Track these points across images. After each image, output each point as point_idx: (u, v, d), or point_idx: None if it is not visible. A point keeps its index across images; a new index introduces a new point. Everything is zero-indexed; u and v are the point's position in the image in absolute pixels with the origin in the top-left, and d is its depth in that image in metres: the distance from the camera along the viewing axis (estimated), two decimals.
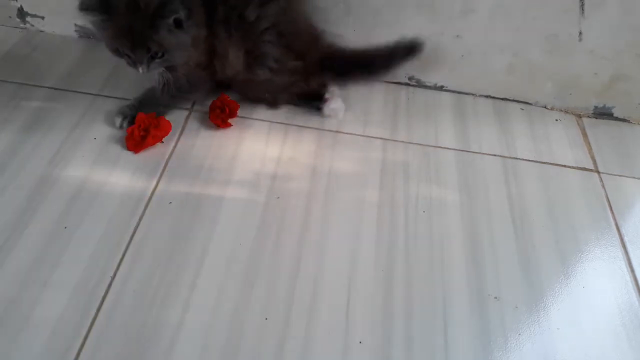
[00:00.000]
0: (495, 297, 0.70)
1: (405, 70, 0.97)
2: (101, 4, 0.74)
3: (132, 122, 0.85)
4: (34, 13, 1.02)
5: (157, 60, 0.78)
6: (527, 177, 0.86)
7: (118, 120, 0.86)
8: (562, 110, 0.99)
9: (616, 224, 0.80)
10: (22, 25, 1.04)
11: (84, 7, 0.74)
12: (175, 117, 0.88)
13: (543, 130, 0.95)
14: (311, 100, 0.93)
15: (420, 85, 1.00)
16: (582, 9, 0.86)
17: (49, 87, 0.92)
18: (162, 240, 0.72)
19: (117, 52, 0.78)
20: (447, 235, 0.76)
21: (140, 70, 0.78)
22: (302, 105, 0.93)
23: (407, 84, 1.01)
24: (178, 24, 0.76)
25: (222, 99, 0.88)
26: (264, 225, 0.75)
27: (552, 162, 0.89)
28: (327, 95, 0.92)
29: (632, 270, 0.75)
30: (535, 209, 0.81)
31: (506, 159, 0.89)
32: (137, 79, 0.82)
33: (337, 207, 0.78)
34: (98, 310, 0.64)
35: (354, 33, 0.93)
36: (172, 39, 0.76)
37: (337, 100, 0.92)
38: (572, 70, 0.93)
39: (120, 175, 0.79)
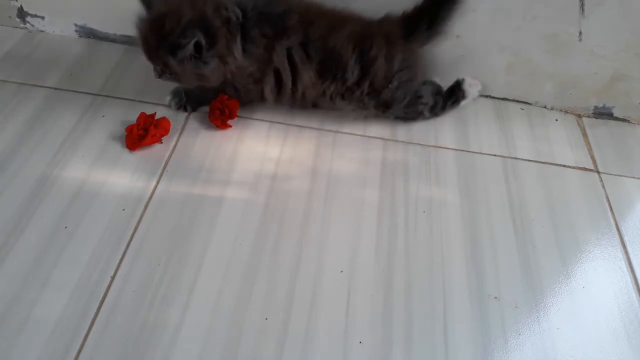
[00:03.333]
0: (495, 297, 0.70)
1: None
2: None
3: (180, 102, 0.89)
4: (34, 13, 1.02)
5: (166, 75, 0.80)
6: (527, 177, 0.86)
7: (168, 99, 0.89)
8: (562, 110, 0.99)
9: (616, 224, 0.80)
10: (22, 25, 1.04)
11: None
12: (175, 117, 0.88)
13: (543, 130, 0.95)
14: (450, 96, 0.93)
15: None
16: (582, 9, 0.86)
17: (49, 87, 0.92)
18: (161, 240, 0.72)
19: None
20: (447, 235, 0.76)
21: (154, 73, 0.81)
22: (445, 105, 0.93)
23: None
24: (194, 54, 0.75)
25: (222, 100, 0.87)
26: (264, 225, 0.75)
27: (552, 162, 0.89)
28: (459, 78, 0.93)
29: (632, 270, 0.75)
30: (535, 209, 0.81)
31: (506, 159, 0.89)
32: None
33: (337, 207, 0.78)
34: (98, 310, 0.64)
35: None
36: (180, 66, 0.77)
37: (471, 80, 0.94)
38: (572, 70, 0.93)
39: (120, 175, 0.79)
